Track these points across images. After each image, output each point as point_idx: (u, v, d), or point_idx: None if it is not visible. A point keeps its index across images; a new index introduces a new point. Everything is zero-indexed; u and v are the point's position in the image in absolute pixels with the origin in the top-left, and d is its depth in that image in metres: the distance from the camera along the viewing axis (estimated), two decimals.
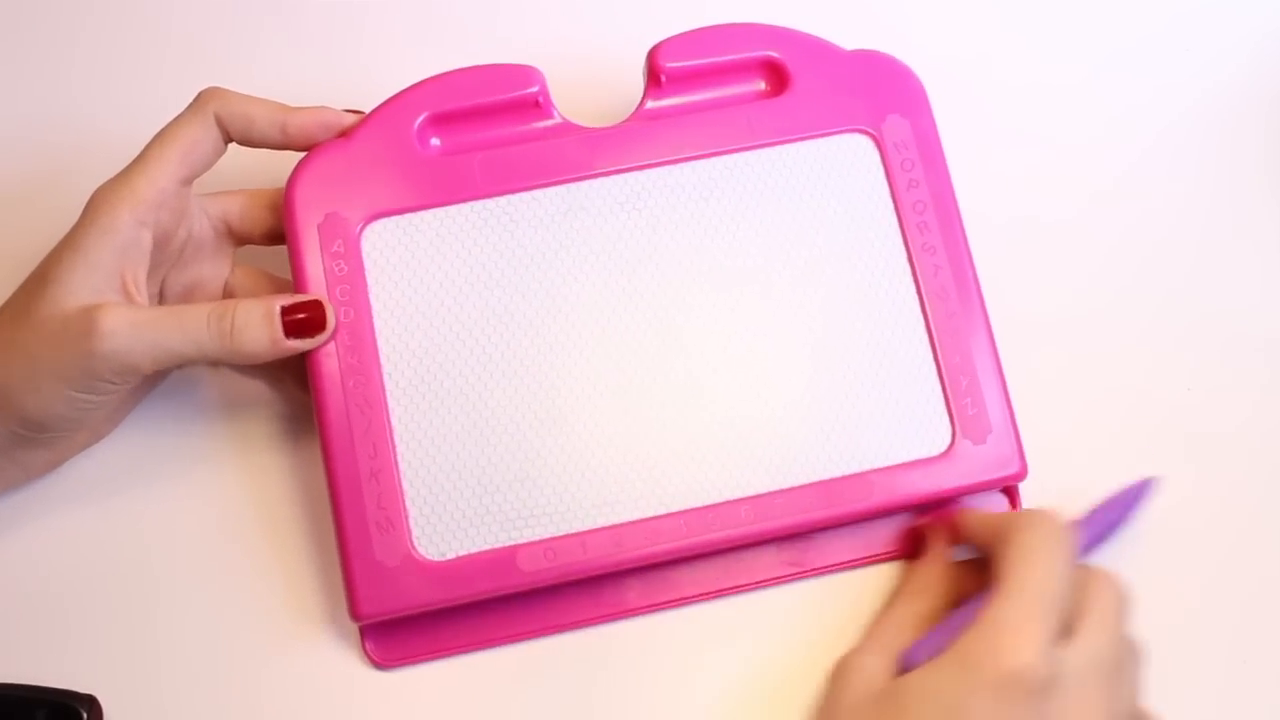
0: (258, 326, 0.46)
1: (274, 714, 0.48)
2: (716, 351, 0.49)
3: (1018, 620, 0.42)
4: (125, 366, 0.45)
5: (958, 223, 0.51)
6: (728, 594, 0.50)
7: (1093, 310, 0.55)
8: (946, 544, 0.49)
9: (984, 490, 0.50)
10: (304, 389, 0.49)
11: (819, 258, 0.50)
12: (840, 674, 0.46)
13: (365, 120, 0.50)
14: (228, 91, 0.48)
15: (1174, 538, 0.51)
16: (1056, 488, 0.51)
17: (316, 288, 0.48)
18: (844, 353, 0.49)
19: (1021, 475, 0.49)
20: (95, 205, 0.46)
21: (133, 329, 0.45)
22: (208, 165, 0.48)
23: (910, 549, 0.50)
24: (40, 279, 0.46)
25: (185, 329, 0.45)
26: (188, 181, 0.48)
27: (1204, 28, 0.59)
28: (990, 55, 0.59)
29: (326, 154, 0.49)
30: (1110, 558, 0.50)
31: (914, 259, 0.50)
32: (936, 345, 0.49)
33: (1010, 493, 0.51)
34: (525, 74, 0.51)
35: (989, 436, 0.49)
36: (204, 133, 0.48)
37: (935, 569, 0.49)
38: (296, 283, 0.48)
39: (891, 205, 0.51)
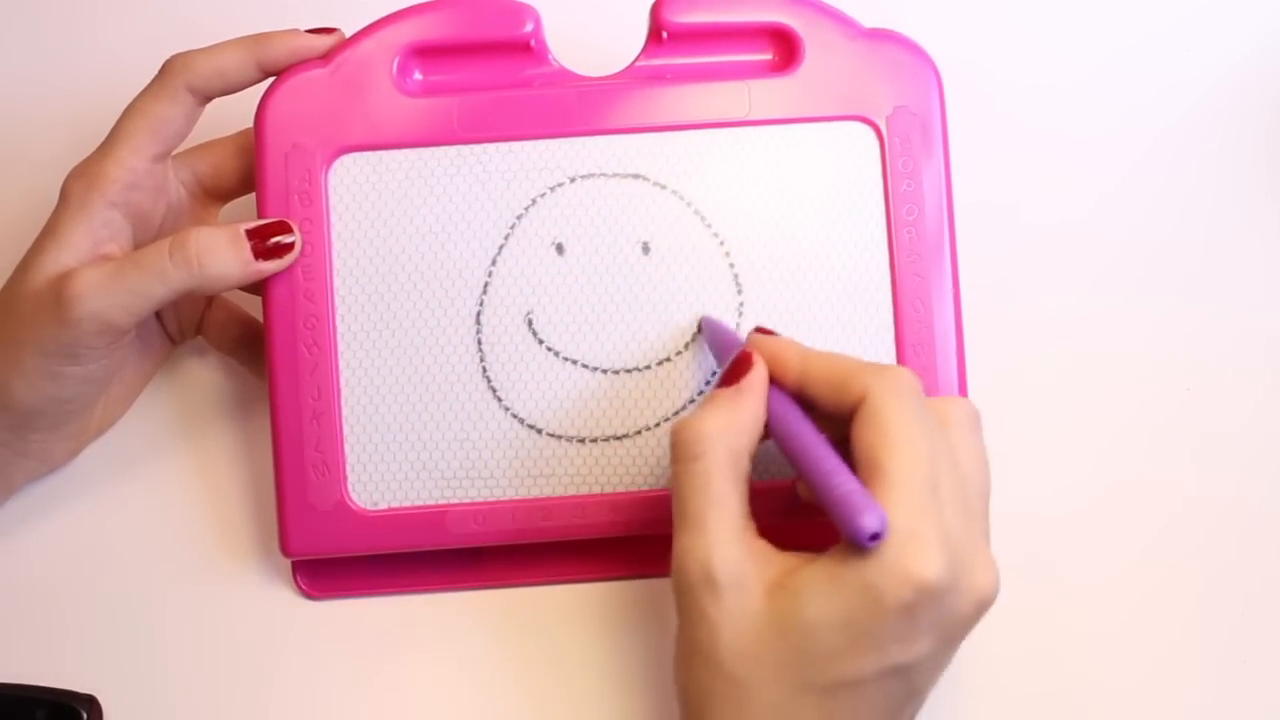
0: (224, 249, 0.46)
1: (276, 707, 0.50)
2: (672, 334, 0.48)
3: (915, 527, 0.37)
4: (103, 325, 0.45)
5: (948, 232, 0.48)
6: (655, 576, 0.50)
7: (1093, 310, 0.54)
8: (764, 381, 0.42)
9: None
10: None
11: (796, 250, 0.48)
12: (702, 590, 0.39)
13: (344, 46, 0.47)
14: (191, 55, 0.46)
15: (1175, 537, 0.51)
16: (1058, 487, 0.51)
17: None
18: None
19: None
20: (66, 189, 0.47)
21: (100, 286, 0.45)
22: (181, 138, 0.48)
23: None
24: (19, 268, 0.47)
25: (147, 267, 0.45)
26: (161, 158, 0.47)
27: (1204, 28, 0.57)
28: (987, 56, 0.56)
29: (301, 80, 0.47)
30: (1112, 557, 0.51)
31: (895, 265, 0.48)
32: (903, 360, 0.48)
33: None
34: (520, 12, 0.48)
35: None
36: (173, 109, 0.46)
37: (755, 406, 0.41)
38: (260, 211, 0.47)
39: (882, 206, 0.48)
